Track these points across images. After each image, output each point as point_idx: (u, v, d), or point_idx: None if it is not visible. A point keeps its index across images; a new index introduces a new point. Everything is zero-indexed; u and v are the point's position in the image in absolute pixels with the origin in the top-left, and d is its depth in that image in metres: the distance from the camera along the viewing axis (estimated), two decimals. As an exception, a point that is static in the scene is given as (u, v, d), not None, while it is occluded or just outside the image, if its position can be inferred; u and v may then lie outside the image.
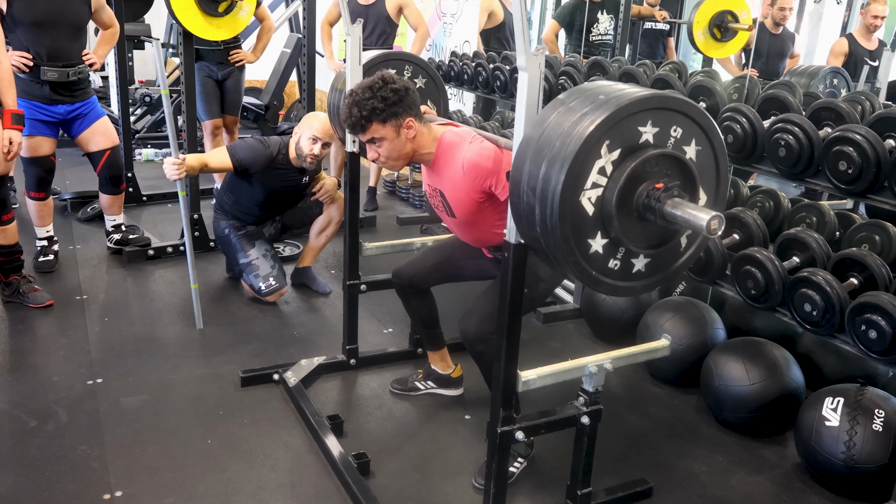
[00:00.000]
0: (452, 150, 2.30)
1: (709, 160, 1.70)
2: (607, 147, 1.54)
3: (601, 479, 2.37)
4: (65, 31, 3.56)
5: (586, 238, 1.60)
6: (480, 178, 2.23)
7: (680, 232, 1.70)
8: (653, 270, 1.73)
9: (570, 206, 1.54)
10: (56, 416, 2.64)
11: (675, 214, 1.55)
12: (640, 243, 1.66)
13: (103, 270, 3.97)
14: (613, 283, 1.68)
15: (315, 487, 2.35)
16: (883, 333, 2.17)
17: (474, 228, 2.43)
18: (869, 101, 2.82)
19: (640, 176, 1.58)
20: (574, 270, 1.61)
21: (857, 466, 2.33)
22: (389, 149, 2.26)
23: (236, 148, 3.49)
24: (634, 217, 1.61)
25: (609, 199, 1.57)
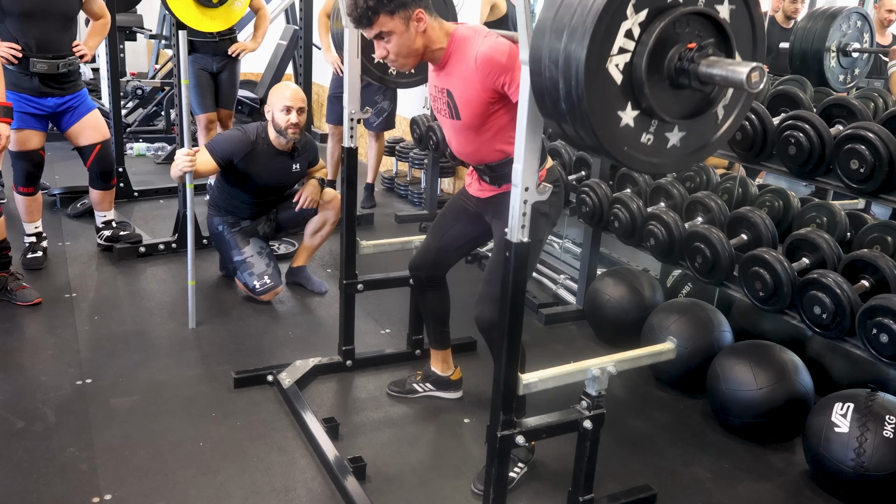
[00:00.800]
0: (466, 44, 2.20)
1: (744, 21, 1.59)
2: (633, 7, 1.44)
3: (604, 486, 2.37)
4: (54, 22, 3.56)
5: (616, 110, 1.51)
6: (494, 73, 2.12)
7: (717, 100, 1.61)
8: (689, 145, 1.64)
9: (596, 74, 1.45)
10: (44, 416, 2.64)
11: (711, 74, 1.46)
12: (674, 113, 1.56)
13: (93, 268, 3.97)
14: (647, 159, 1.59)
15: (309, 492, 2.35)
16: (894, 337, 2.17)
17: (476, 136, 2.31)
18: (882, 97, 2.83)
19: (671, 38, 1.48)
20: (605, 146, 1.52)
21: (868, 474, 2.33)
22: (398, 44, 2.16)
23: (214, 144, 3.50)
24: (667, 84, 1.52)
25: (638, 65, 1.47)
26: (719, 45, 1.53)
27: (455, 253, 2.69)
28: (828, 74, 3.23)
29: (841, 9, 3.23)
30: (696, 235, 2.76)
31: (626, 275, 3.45)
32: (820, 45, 3.19)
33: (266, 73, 6.73)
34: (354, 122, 2.67)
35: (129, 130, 6.46)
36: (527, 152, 1.73)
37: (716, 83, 1.51)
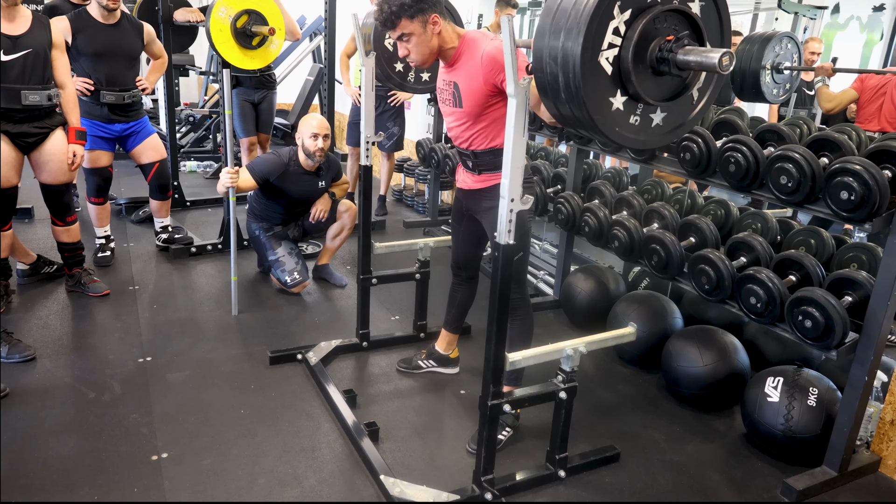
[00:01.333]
0: (474, 44, 2.19)
1: (712, 15, 1.61)
2: (619, 8, 1.47)
3: (576, 446, 2.37)
4: (121, 61, 3.56)
5: (608, 97, 1.52)
6: (496, 70, 2.11)
7: (692, 85, 1.62)
8: (670, 123, 1.65)
9: (590, 66, 1.47)
10: (111, 388, 2.64)
11: (687, 60, 1.47)
12: (657, 97, 1.57)
13: (153, 265, 3.96)
14: (635, 137, 1.59)
15: (332, 451, 2.34)
16: (817, 323, 2.17)
17: (474, 123, 2.27)
18: (806, 124, 2.82)
19: (652, 33, 1.51)
20: (600, 128, 1.52)
21: (794, 436, 2.33)
22: (417, 42, 2.15)
23: (254, 166, 3.48)
24: (650, 72, 1.54)
25: (625, 57, 1.49)
26: (693, 36, 1.54)
27: (475, 247, 2.65)
28: (763, 89, 3.19)
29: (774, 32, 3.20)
30: (652, 238, 2.76)
31: (595, 271, 3.45)
32: (757, 64, 3.16)
33: (296, 103, 6.72)
34: (370, 144, 2.66)
35: (183, 151, 6.44)
36: (513, 169, 1.73)
37: (691, 69, 1.51)
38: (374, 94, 2.63)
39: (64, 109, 3.13)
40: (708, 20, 1.59)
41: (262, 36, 3.90)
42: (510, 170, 1.72)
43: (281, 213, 3.71)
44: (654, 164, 2.88)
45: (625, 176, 3.71)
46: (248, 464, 2.25)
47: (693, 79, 1.61)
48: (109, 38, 3.49)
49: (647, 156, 2.88)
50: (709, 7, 1.60)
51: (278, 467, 2.24)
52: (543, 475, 2.22)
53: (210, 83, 7.63)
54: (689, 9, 1.54)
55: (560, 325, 3.49)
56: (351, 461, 2.29)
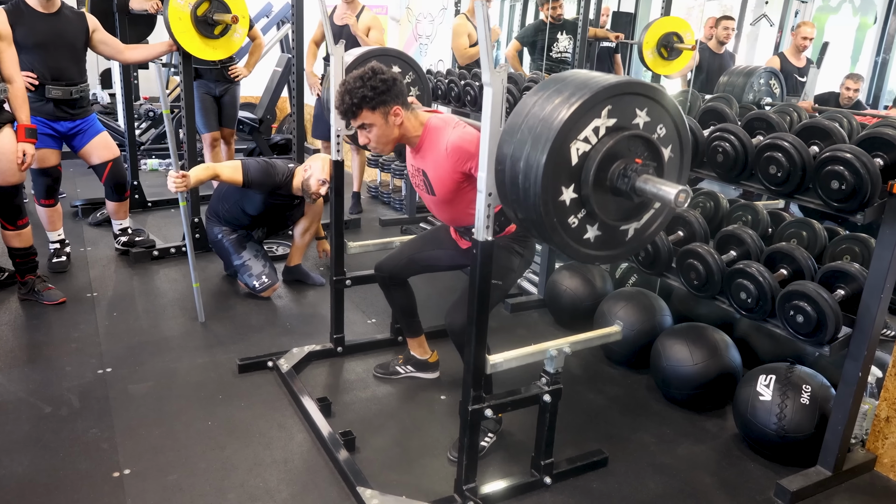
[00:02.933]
0: (437, 134, 2.28)
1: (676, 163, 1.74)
2: (608, 112, 1.56)
3: (562, 451, 2.39)
4: (65, 53, 3.51)
5: (561, 184, 1.59)
6: (462, 160, 2.22)
7: (631, 219, 1.71)
8: (599, 244, 1.73)
9: (561, 145, 1.54)
10: (69, 402, 2.61)
11: (644, 188, 1.56)
12: (602, 208, 1.64)
13: (112, 270, 3.93)
14: (563, 236, 1.65)
15: (306, 463, 2.34)
16: (809, 318, 2.21)
17: (451, 207, 2.40)
18: (796, 112, 2.86)
19: (622, 150, 1.59)
20: (542, 209, 1.58)
21: (788, 435, 2.37)
22: (378, 134, 2.24)
23: (250, 168, 3.44)
24: (607, 185, 1.61)
25: (593, 158, 1.57)
26: (657, 172, 1.65)
27: (422, 268, 2.71)
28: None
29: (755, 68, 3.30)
30: (639, 233, 2.78)
31: (581, 268, 3.47)
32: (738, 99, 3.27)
33: (264, 96, 6.68)
34: (340, 139, 2.67)
35: (143, 148, 6.38)
36: (489, 161, 1.74)
37: (647, 196, 1.60)
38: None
39: (12, 106, 3.10)
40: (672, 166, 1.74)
41: (224, 24, 3.89)
42: (486, 162, 1.74)
43: (247, 222, 3.71)
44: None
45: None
46: (217, 478, 2.24)
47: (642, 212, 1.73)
48: (50, 28, 3.44)
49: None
50: (675, 158, 1.74)
51: (249, 481, 2.23)
52: (528, 482, 2.24)
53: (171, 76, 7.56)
54: (660, 147, 1.66)
55: (545, 324, 3.52)
56: (326, 473, 2.29)
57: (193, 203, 4.13)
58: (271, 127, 6.82)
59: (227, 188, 3.62)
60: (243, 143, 6.60)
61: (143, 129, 6.76)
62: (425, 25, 6.21)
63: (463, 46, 5.31)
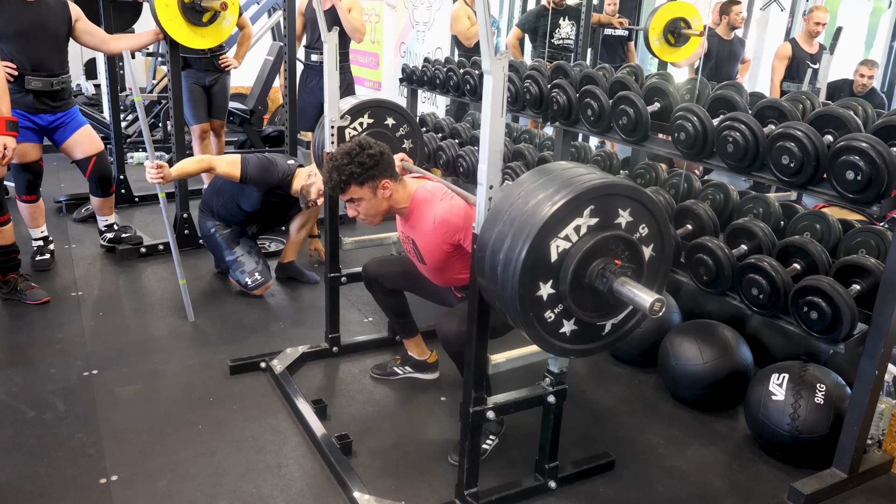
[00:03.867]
0: (425, 206, 2.36)
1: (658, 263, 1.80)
2: (590, 212, 1.63)
3: (567, 454, 2.39)
4: (46, 42, 3.48)
5: (539, 279, 1.64)
6: (450, 233, 2.30)
7: (609, 316, 1.77)
8: (575, 339, 1.77)
9: (542, 243, 1.60)
10: (53, 406, 2.60)
11: (621, 291, 1.62)
12: (579, 304, 1.69)
13: (97, 268, 3.91)
14: (539, 330, 1.70)
15: (301, 467, 2.34)
16: (823, 314, 2.20)
17: (442, 273, 2.49)
18: (809, 99, 2.85)
19: (603, 249, 1.66)
20: (518, 303, 1.64)
21: (801, 436, 2.37)
22: (367, 207, 2.32)
23: (249, 164, 3.41)
24: (585, 282, 1.67)
25: (573, 256, 1.63)
26: (636, 273, 1.70)
27: (411, 288, 2.74)
28: None
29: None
30: (646, 227, 2.78)
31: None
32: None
33: (255, 86, 6.66)
34: (335, 129, 2.65)
35: (129, 141, 6.36)
36: (491, 153, 1.73)
37: (623, 299, 1.64)
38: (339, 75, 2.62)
39: (-8, 97, 3.07)
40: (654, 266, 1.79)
41: (213, 11, 3.87)
42: (488, 154, 1.73)
43: (242, 218, 3.69)
44: (647, 145, 2.90)
45: (615, 159, 3.74)
46: (208, 484, 2.23)
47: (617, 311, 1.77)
48: (31, 16, 3.41)
49: (640, 137, 2.90)
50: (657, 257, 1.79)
51: (241, 487, 2.22)
52: (532, 486, 2.24)
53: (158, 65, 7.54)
54: (643, 252, 1.72)
55: (549, 323, 3.50)
56: (322, 478, 2.29)
57: (182, 198, 4.12)
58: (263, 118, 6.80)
59: (222, 182, 3.60)
60: (234, 135, 6.59)
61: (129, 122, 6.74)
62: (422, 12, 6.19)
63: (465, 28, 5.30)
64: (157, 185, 3.17)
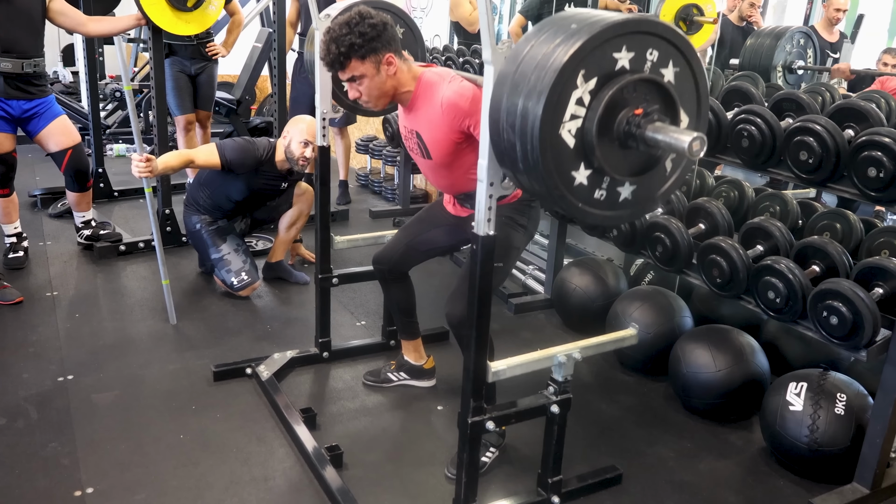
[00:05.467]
0: (432, 89, 2.24)
1: (688, 81, 1.62)
2: (583, 76, 1.48)
3: (572, 467, 2.38)
4: (17, 22, 3.44)
5: (569, 170, 1.53)
6: (459, 117, 2.17)
7: (664, 156, 1.64)
8: (639, 197, 1.66)
9: (550, 140, 1.48)
10: (26, 413, 2.59)
11: (656, 139, 1.49)
12: (624, 171, 1.59)
13: (74, 267, 3.90)
14: (601, 213, 1.61)
15: (288, 480, 2.33)
16: (844, 319, 2.19)
17: (449, 172, 2.36)
18: (829, 91, 2.85)
19: (619, 103, 1.52)
20: (560, 204, 1.55)
21: (821, 449, 2.36)
22: (370, 86, 2.19)
23: (225, 147, 3.43)
24: (616, 145, 1.55)
25: (589, 130, 1.51)
26: (665, 107, 1.57)
27: (422, 255, 2.68)
28: None
29: (786, 29, 3.26)
30: (656, 225, 2.77)
31: (591, 264, 3.46)
32: (767, 62, 3.23)
33: (242, 74, 6.64)
34: (327, 122, 2.64)
35: (109, 132, 6.35)
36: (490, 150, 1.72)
37: (660, 148, 1.53)
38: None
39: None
40: (683, 88, 1.61)
41: (198, -5, 3.85)
42: (487, 150, 1.71)
43: (230, 209, 3.68)
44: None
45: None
46: (190, 498, 2.22)
47: (665, 152, 1.64)
48: None
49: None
50: (684, 73, 1.61)
51: (225, 501, 2.21)
52: (534, 502, 2.22)
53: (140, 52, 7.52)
54: (662, 78, 1.57)
55: (552, 327, 3.50)
56: (310, 492, 2.28)
57: (164, 193, 4.11)
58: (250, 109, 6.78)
59: (207, 173, 3.60)
60: (219, 126, 6.57)
61: (108, 111, 6.73)
62: (421, -3, 6.18)
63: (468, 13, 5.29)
64: (143, 179, 3.15)
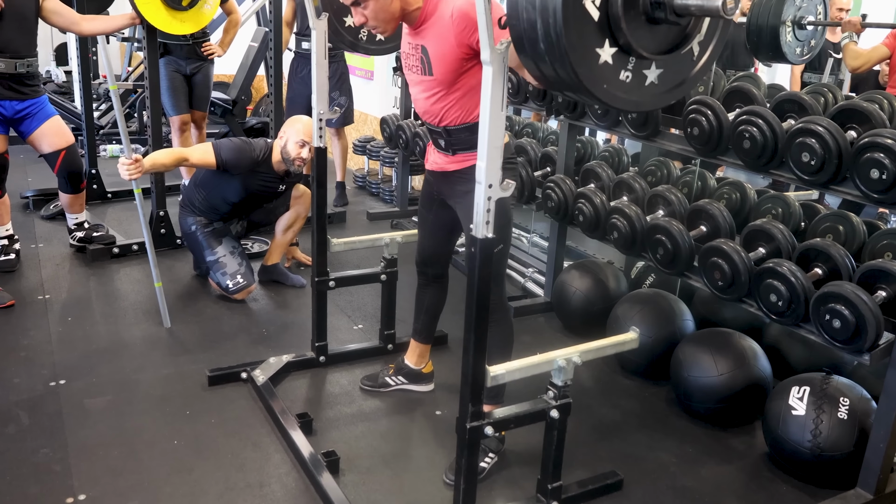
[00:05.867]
0: (442, 3, 2.19)
1: None
2: None
3: (572, 473, 2.38)
4: (12, 24, 3.44)
5: (594, 47, 1.49)
6: (470, 28, 2.11)
7: (692, 35, 1.60)
8: (667, 81, 1.63)
9: (573, 10, 1.43)
10: (17, 418, 2.58)
11: (686, 4, 1.45)
12: (651, 49, 1.54)
13: (66, 269, 3.90)
14: (626, 96, 1.57)
15: (284, 487, 2.33)
16: (846, 323, 2.20)
17: (446, 94, 2.28)
18: (831, 92, 2.85)
19: None
20: (585, 84, 1.50)
21: (824, 454, 2.36)
22: (375, 9, 2.16)
23: (221, 147, 3.44)
24: (643, 19, 1.51)
25: (615, 1, 1.47)
26: None
27: (446, 240, 2.66)
28: (785, 49, 3.20)
29: None
30: (657, 228, 2.77)
31: (592, 267, 3.46)
32: (776, 19, 3.17)
33: (238, 74, 6.64)
34: (323, 122, 2.65)
35: (102, 132, 6.35)
36: (490, 150, 1.72)
37: (691, 13, 1.49)
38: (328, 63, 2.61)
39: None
40: None
41: (193, -6, 3.85)
42: (487, 150, 1.72)
43: (226, 210, 3.68)
44: (658, 140, 2.89)
45: (625, 155, 3.73)
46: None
47: (694, 28, 1.60)
48: None
49: (650, 131, 2.89)
50: None
51: (220, 508, 2.22)
52: (534, 508, 2.23)
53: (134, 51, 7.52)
54: None
55: (552, 330, 3.50)
56: (306, 498, 2.27)
57: (158, 195, 4.11)
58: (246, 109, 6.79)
59: (203, 174, 3.60)
60: (215, 127, 6.57)
61: (102, 112, 6.73)
62: None
63: None
64: (133, 181, 3.14)
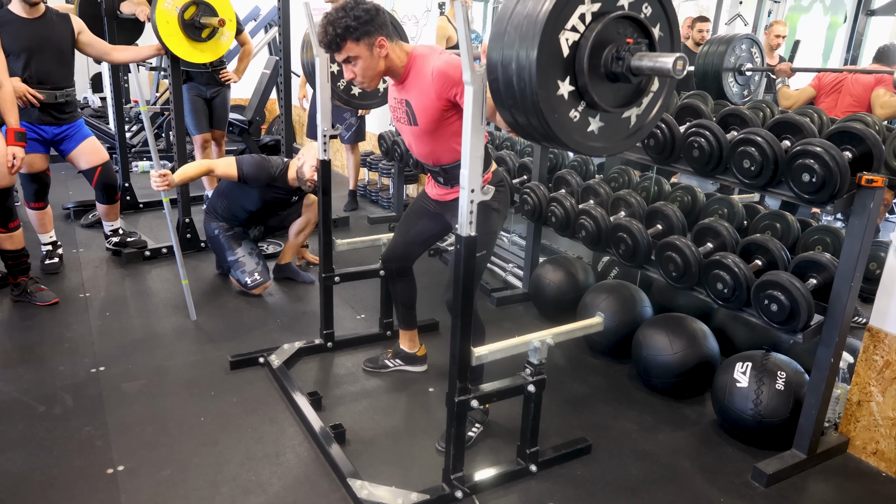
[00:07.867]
0: (423, 61, 2.20)
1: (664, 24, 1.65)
2: None
3: (547, 439, 2.40)
4: (50, 57, 3.44)
5: (556, 78, 1.52)
6: (448, 85, 2.13)
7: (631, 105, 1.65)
8: (604, 136, 1.66)
9: (551, 36, 1.47)
10: (62, 401, 2.59)
11: (641, 66, 1.50)
12: (602, 98, 1.57)
13: (104, 271, 3.89)
14: (569, 132, 1.58)
15: (297, 456, 2.34)
16: (783, 307, 2.23)
17: (432, 139, 2.30)
18: (769, 108, 2.88)
19: (611, 35, 1.53)
20: (541, 106, 1.51)
21: (764, 420, 2.39)
22: (364, 66, 2.16)
23: (243, 162, 3.45)
24: (602, 72, 1.55)
25: (583, 46, 1.51)
26: (648, 46, 1.57)
27: (420, 246, 2.68)
28: (727, 91, 3.30)
29: (734, 35, 3.29)
30: (619, 227, 2.80)
31: (564, 262, 3.49)
32: (718, 66, 3.25)
33: (253, 98, 6.64)
34: (327, 138, 2.66)
35: (134, 151, 6.33)
36: (472, 159, 1.74)
37: (644, 73, 1.53)
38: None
39: (1, 110, 3.06)
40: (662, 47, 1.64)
41: (211, 27, 3.86)
42: (469, 159, 1.74)
43: (245, 217, 3.69)
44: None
45: (591, 164, 3.76)
46: (210, 473, 2.23)
47: (646, 86, 1.64)
48: (35, 32, 3.38)
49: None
50: (657, 13, 1.63)
51: (241, 475, 2.22)
52: (514, 470, 2.25)
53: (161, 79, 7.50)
54: (649, 25, 1.57)
55: (529, 317, 3.52)
56: (317, 465, 2.29)
57: (184, 204, 4.10)
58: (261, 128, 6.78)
59: (226, 185, 3.61)
60: (233, 144, 6.57)
61: (133, 132, 6.71)
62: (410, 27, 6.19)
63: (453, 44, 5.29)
64: (162, 192, 3.15)
